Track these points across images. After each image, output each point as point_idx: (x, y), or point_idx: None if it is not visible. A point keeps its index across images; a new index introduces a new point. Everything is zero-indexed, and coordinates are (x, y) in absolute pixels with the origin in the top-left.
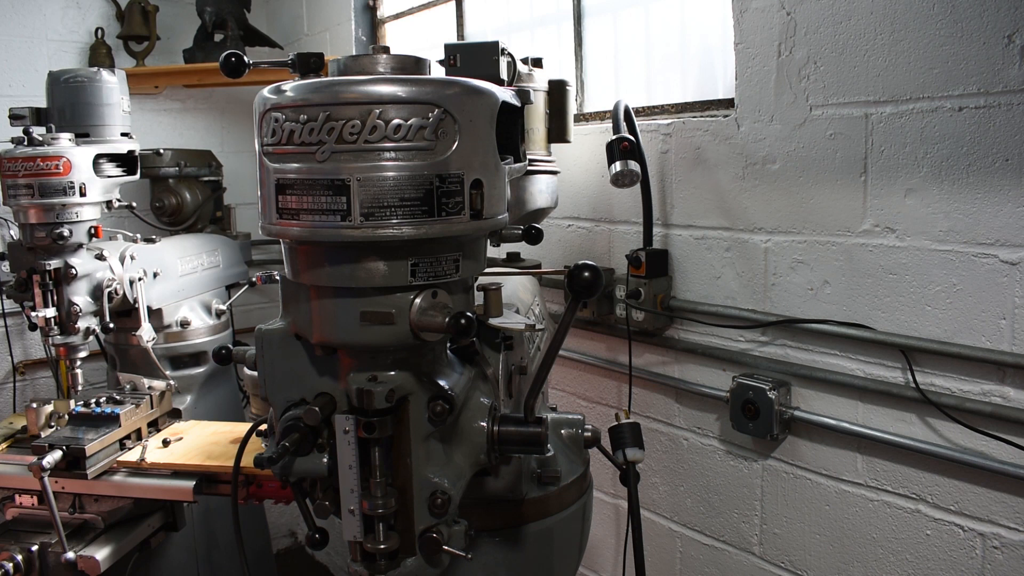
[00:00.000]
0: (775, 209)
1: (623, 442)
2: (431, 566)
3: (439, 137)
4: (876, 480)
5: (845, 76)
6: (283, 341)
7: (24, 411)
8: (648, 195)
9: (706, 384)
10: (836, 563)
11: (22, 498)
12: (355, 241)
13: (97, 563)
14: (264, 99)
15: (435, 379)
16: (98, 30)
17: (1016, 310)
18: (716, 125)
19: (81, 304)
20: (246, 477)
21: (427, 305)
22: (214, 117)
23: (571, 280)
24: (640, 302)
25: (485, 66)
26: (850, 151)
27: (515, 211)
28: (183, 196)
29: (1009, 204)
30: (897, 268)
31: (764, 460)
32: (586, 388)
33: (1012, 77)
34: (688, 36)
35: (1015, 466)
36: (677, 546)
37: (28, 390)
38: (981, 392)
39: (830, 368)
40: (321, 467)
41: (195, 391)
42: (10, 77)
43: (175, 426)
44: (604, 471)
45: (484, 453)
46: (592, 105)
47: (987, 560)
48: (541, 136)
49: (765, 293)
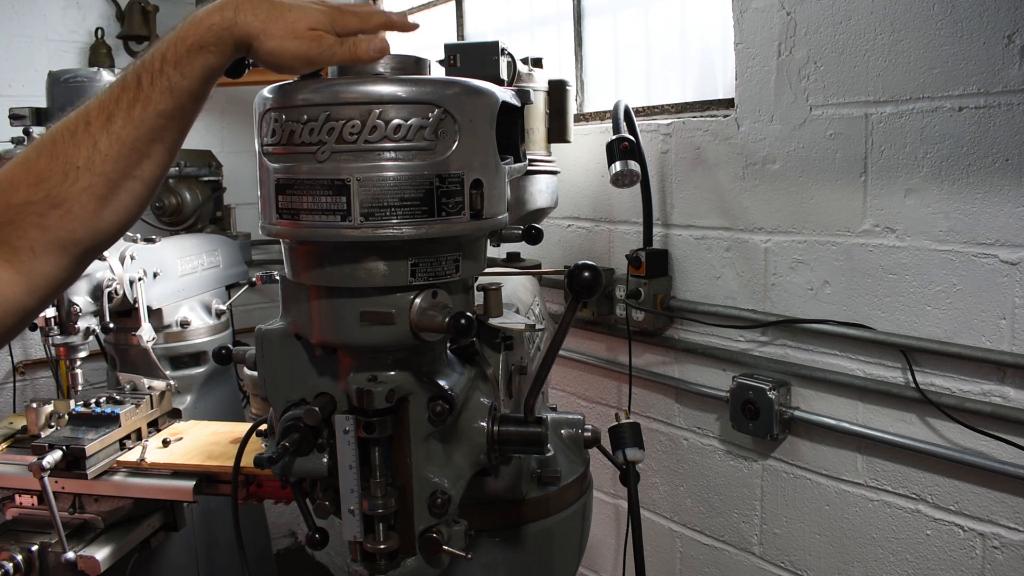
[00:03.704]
0: (775, 209)
1: (623, 442)
2: (431, 566)
3: (439, 137)
4: (876, 480)
5: (845, 76)
6: (283, 341)
7: (24, 411)
8: (648, 195)
9: (706, 384)
10: (836, 563)
11: (22, 498)
12: (355, 241)
13: (97, 563)
14: (264, 99)
15: (435, 379)
16: (98, 30)
17: (1016, 310)
18: (716, 125)
19: (81, 304)
20: (246, 477)
21: (427, 305)
22: (214, 117)
23: (571, 280)
24: (640, 302)
25: (485, 66)
26: (850, 151)
27: (515, 211)
28: (183, 196)
29: (1009, 204)
30: (897, 268)
31: (764, 460)
32: (586, 388)
33: (1012, 77)
34: (688, 36)
35: (1015, 466)
36: (677, 546)
37: (28, 390)
38: (981, 392)
39: (830, 368)
40: (321, 467)
41: (195, 391)
42: (10, 77)
43: (175, 426)
44: (604, 471)
45: (484, 453)
46: (592, 105)
47: (987, 560)
48: (541, 136)
49: (765, 293)
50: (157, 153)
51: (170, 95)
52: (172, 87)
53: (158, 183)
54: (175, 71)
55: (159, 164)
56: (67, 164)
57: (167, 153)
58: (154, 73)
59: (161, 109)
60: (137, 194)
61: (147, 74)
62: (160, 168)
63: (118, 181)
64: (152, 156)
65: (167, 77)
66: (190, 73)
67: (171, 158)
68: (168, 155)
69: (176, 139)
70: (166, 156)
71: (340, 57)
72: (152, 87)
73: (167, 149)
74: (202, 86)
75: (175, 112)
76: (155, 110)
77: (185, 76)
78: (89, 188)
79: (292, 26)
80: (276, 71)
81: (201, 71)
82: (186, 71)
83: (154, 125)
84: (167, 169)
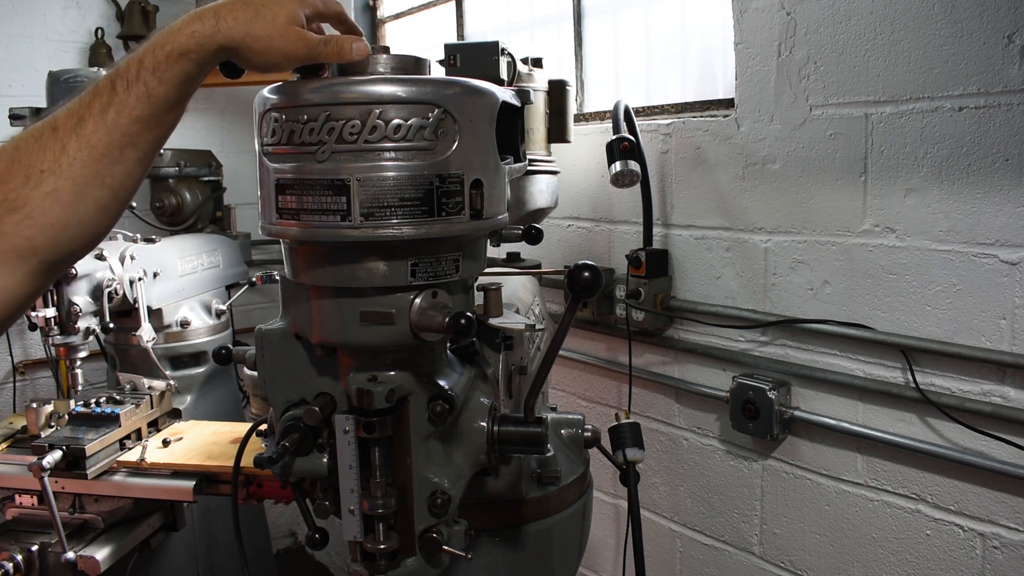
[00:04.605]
0: (775, 209)
1: (623, 442)
2: (431, 566)
3: (439, 137)
4: (876, 480)
5: (845, 76)
6: (283, 341)
7: (24, 411)
8: (648, 195)
9: (706, 384)
10: (836, 563)
11: (22, 498)
12: (355, 241)
13: (97, 563)
14: (264, 99)
15: (435, 379)
16: (98, 30)
17: (1016, 310)
18: (716, 125)
19: (81, 304)
20: (246, 477)
21: (427, 305)
22: (214, 117)
23: (571, 280)
24: (640, 302)
25: (485, 66)
26: (850, 151)
27: (515, 211)
28: (183, 196)
29: (1009, 204)
30: (897, 268)
31: (764, 460)
32: (586, 388)
33: (1012, 77)
34: (688, 36)
35: (1015, 466)
36: (677, 546)
37: (28, 390)
38: (981, 392)
39: (830, 368)
40: (321, 467)
41: (195, 391)
42: (10, 77)
43: (175, 426)
44: (604, 471)
45: (484, 453)
46: (592, 105)
47: (987, 560)
48: (541, 136)
49: (765, 293)
50: (129, 160)
51: (146, 101)
52: (149, 93)
53: (128, 196)
54: (153, 77)
55: (130, 174)
56: (29, 167)
57: (139, 163)
58: (130, 79)
59: (136, 115)
60: (105, 204)
61: (122, 80)
62: (131, 179)
63: (86, 187)
64: (124, 163)
65: (144, 83)
66: (168, 79)
67: (143, 170)
68: (140, 166)
69: (149, 149)
70: (138, 167)
71: (325, 56)
72: (128, 92)
73: (139, 158)
74: (179, 94)
75: (150, 119)
76: (130, 115)
77: (163, 82)
78: (53, 192)
79: (273, 23)
80: (262, 72)
81: (179, 78)
82: (164, 77)
83: (128, 131)
84: (138, 183)
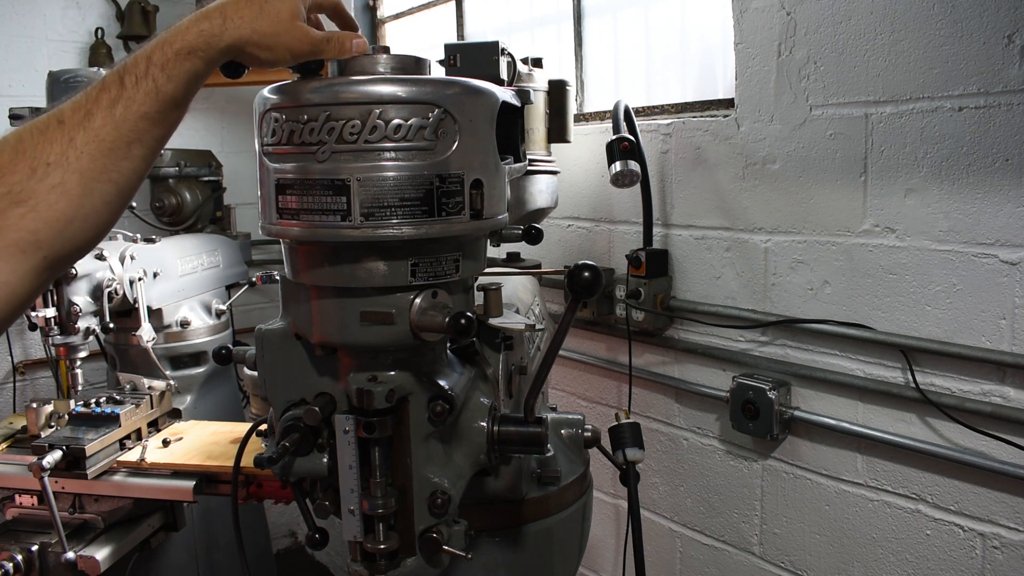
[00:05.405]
0: (775, 209)
1: (623, 442)
2: (431, 566)
3: (439, 137)
4: (876, 480)
5: (845, 76)
6: (283, 341)
7: (24, 411)
8: (648, 195)
9: (706, 384)
10: (836, 563)
11: (22, 498)
12: (355, 241)
13: (97, 563)
14: (264, 99)
15: (435, 379)
16: (98, 30)
17: (1016, 310)
18: (716, 125)
19: (81, 304)
20: (246, 477)
21: (427, 305)
22: (214, 117)
23: (571, 280)
24: (640, 302)
25: (485, 66)
26: (850, 151)
27: (515, 211)
28: (183, 196)
29: (1009, 204)
30: (897, 268)
31: (764, 460)
32: (586, 388)
33: (1012, 77)
34: (688, 36)
35: (1015, 466)
36: (677, 546)
37: (28, 390)
38: (981, 392)
39: (830, 368)
40: (321, 467)
41: (195, 391)
42: (10, 77)
43: (175, 426)
44: (604, 471)
45: (484, 453)
46: (592, 105)
47: (987, 560)
48: (541, 136)
49: (765, 293)
50: (135, 156)
51: (155, 98)
52: (158, 90)
53: (131, 194)
54: (162, 74)
55: (135, 171)
56: (35, 160)
57: (144, 160)
58: (139, 75)
59: (144, 111)
60: (109, 200)
61: (131, 76)
62: (136, 176)
63: (93, 181)
64: (130, 159)
65: (153, 79)
66: (177, 77)
67: (146, 168)
68: (144, 163)
69: (154, 146)
70: (142, 164)
71: (327, 53)
72: (136, 88)
73: (145, 155)
74: (186, 91)
75: (157, 116)
76: (138, 111)
77: (171, 79)
78: (60, 185)
79: (277, 20)
80: (268, 67)
81: (187, 76)
82: (173, 74)
83: (136, 127)
84: (140, 180)
